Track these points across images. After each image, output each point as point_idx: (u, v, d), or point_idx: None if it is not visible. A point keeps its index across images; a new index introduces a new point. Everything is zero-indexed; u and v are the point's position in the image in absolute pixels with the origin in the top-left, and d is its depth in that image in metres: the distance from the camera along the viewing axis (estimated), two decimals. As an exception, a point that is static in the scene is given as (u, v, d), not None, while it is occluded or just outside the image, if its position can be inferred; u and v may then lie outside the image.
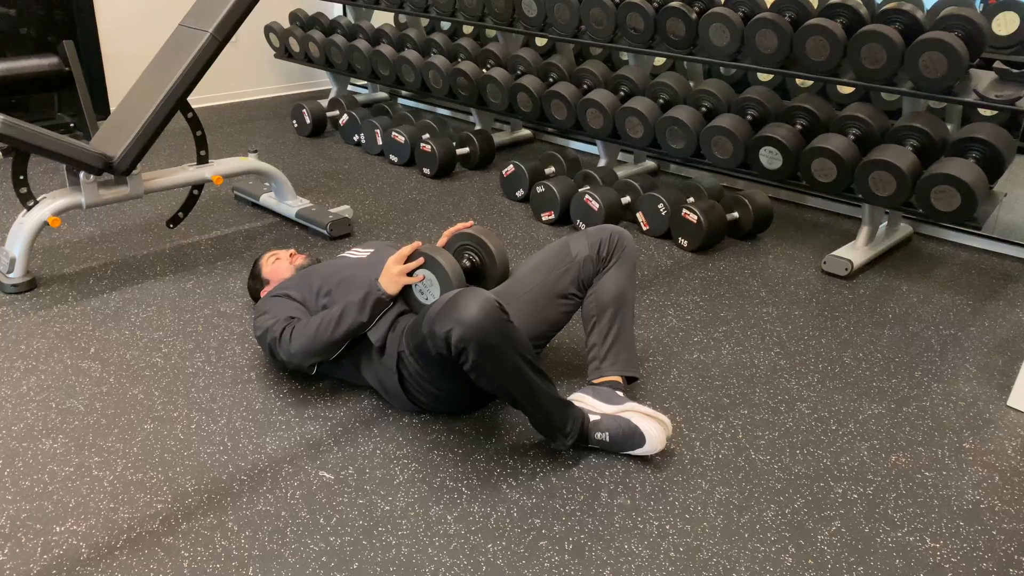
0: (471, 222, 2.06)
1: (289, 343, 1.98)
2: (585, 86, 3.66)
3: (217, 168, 2.97)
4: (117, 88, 4.54)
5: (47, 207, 2.62)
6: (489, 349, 1.70)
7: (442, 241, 2.09)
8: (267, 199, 3.32)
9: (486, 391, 2.00)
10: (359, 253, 2.25)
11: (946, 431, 2.06)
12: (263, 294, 2.28)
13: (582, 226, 3.19)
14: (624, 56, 4.11)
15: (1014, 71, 2.67)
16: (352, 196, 3.56)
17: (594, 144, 4.06)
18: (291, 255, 2.37)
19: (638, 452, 1.87)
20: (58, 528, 1.65)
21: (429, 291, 1.94)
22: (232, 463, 1.85)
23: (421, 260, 1.93)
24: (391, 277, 1.95)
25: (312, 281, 2.13)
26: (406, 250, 1.95)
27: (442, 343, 1.72)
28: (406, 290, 1.98)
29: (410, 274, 1.95)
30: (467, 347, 1.69)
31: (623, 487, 1.81)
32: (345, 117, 4.29)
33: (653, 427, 1.85)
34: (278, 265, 2.33)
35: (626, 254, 2.08)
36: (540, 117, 3.73)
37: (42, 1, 4.20)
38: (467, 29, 4.73)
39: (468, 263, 2.03)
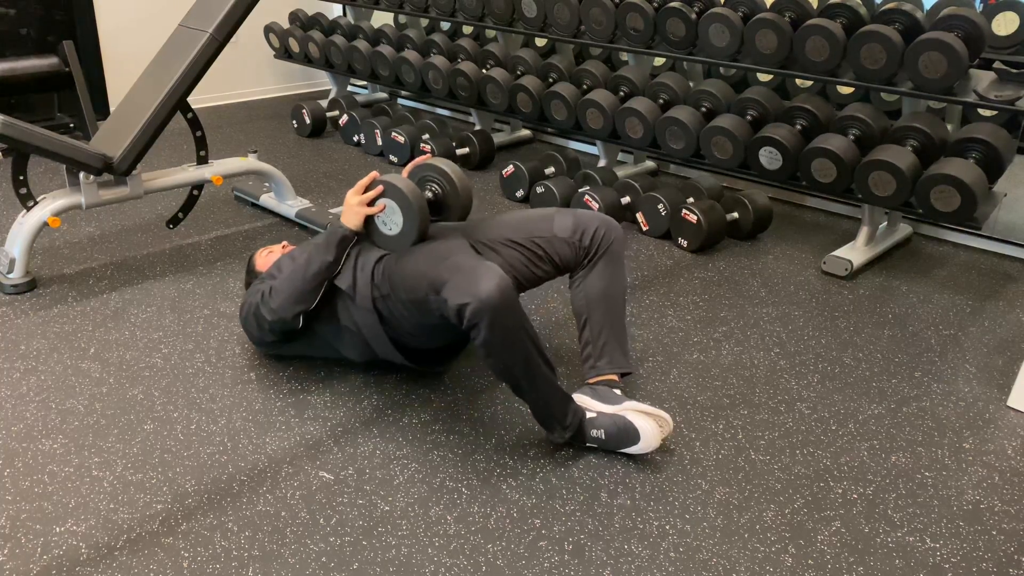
0: (429, 153, 2.04)
1: (270, 299, 1.99)
2: (585, 86, 3.66)
3: (217, 168, 2.97)
4: (117, 88, 4.54)
5: (47, 207, 2.62)
6: (502, 330, 1.71)
7: (405, 172, 2.06)
8: (267, 199, 3.32)
9: (465, 340, 1.99)
10: None
11: (946, 431, 2.06)
12: None
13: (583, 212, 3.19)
14: (624, 56, 4.11)
15: (1014, 71, 2.67)
16: (352, 196, 3.56)
17: (594, 144, 4.06)
18: (283, 247, 2.38)
19: (633, 450, 1.86)
20: (58, 528, 1.65)
21: (392, 220, 1.89)
22: (232, 463, 1.85)
23: (380, 188, 1.90)
24: (351, 209, 1.94)
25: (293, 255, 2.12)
26: (363, 181, 1.93)
27: (453, 312, 1.72)
28: (369, 225, 1.97)
29: (371, 205, 1.93)
30: (480, 323, 1.69)
31: (623, 487, 1.81)
32: (345, 117, 4.29)
33: (648, 424, 1.85)
34: (271, 258, 2.33)
35: (613, 248, 2.05)
36: (540, 117, 3.73)
37: (42, 1, 4.20)
38: (467, 29, 4.73)
39: (430, 193, 1.99)
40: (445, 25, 4.82)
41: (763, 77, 3.73)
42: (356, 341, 2.07)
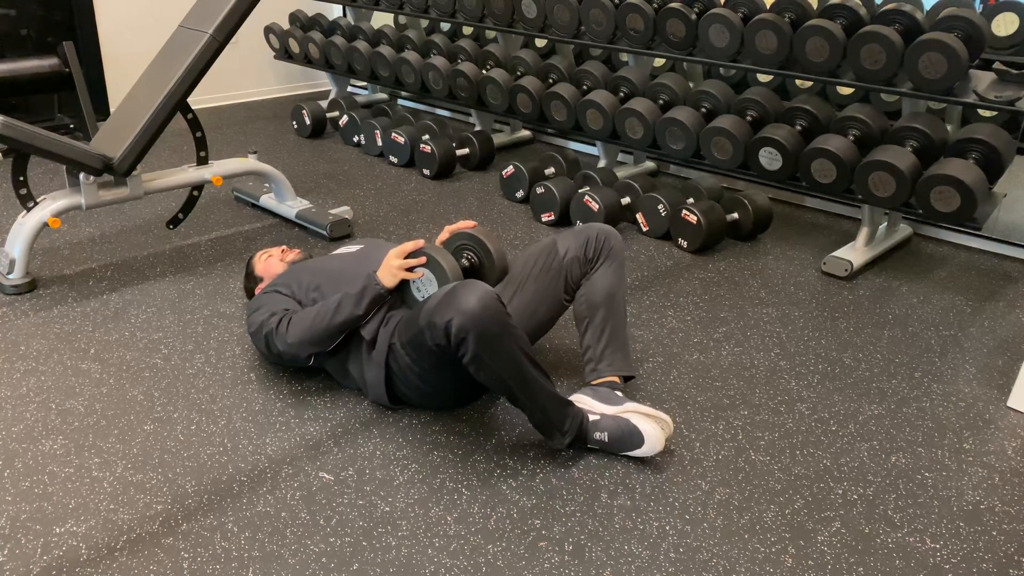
0: (474, 223, 2.06)
1: (286, 334, 1.99)
2: (585, 87, 3.66)
3: (217, 169, 2.97)
4: (117, 89, 4.54)
5: (47, 208, 2.62)
6: (489, 340, 1.71)
7: (443, 236, 2.08)
8: (267, 200, 3.32)
9: (473, 389, 2.01)
10: (349, 248, 2.28)
11: (946, 432, 2.06)
12: (257, 292, 2.29)
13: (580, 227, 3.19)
14: (624, 57, 4.11)
15: (1013, 72, 2.67)
16: (352, 197, 3.56)
17: (594, 145, 4.06)
18: (283, 251, 2.39)
19: (636, 453, 1.86)
20: (58, 529, 1.65)
21: (426, 288, 1.94)
22: (232, 464, 1.85)
23: (423, 260, 1.93)
24: (390, 270, 1.95)
25: (301, 276, 2.14)
26: (409, 245, 1.95)
27: (441, 333, 1.72)
28: (403, 285, 1.98)
29: (410, 269, 1.95)
30: (467, 337, 1.69)
31: (623, 488, 1.81)
32: (345, 118, 4.29)
33: (652, 428, 1.85)
34: (270, 262, 2.34)
35: (614, 252, 2.07)
36: (540, 118, 3.73)
37: (42, 2, 4.21)
38: (467, 30, 4.73)
39: (467, 262, 2.03)
40: (445, 26, 4.82)
41: (763, 78, 3.73)
42: (356, 383, 2.09)
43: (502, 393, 1.84)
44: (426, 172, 3.86)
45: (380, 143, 4.08)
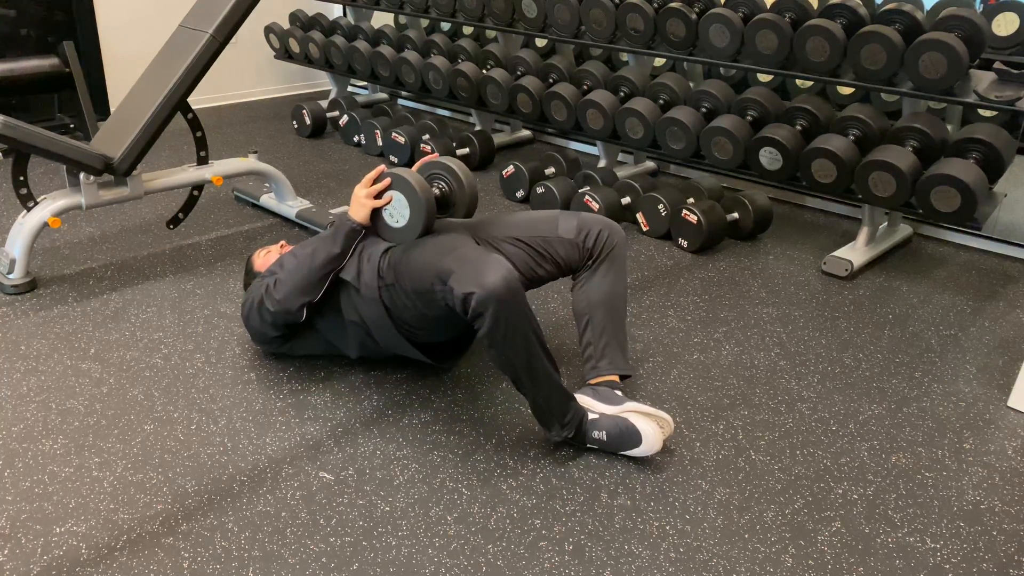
0: (436, 153, 2.05)
1: (274, 291, 2.00)
2: (585, 87, 3.66)
3: (217, 169, 2.97)
4: (117, 89, 4.54)
5: (47, 208, 2.62)
6: (505, 320, 1.71)
7: (413, 169, 2.07)
8: (267, 200, 3.32)
9: (466, 331, 1.99)
10: None
11: (946, 432, 2.06)
12: None
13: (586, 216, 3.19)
14: (624, 57, 4.11)
15: (1014, 72, 2.67)
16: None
17: (594, 145, 4.06)
18: (281, 247, 2.39)
19: (634, 452, 1.86)
20: (58, 529, 1.65)
21: (399, 212, 1.90)
22: (232, 464, 1.85)
23: (388, 181, 1.91)
24: (359, 202, 1.94)
25: (286, 259, 2.13)
26: (371, 174, 1.94)
27: (459, 302, 1.73)
28: (376, 217, 1.97)
29: (378, 197, 1.94)
30: (484, 313, 1.70)
31: (623, 488, 1.81)
32: (345, 118, 4.29)
33: (650, 427, 1.85)
34: (269, 258, 2.34)
35: (616, 251, 2.06)
36: (540, 118, 3.73)
37: (42, 2, 4.21)
38: (467, 30, 4.73)
39: (437, 190, 2.00)
40: (445, 26, 4.82)
41: (763, 77, 3.73)
42: (359, 335, 2.07)
43: (507, 373, 1.82)
44: (426, 172, 3.85)
45: (380, 143, 4.08)
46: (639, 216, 3.24)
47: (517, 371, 1.79)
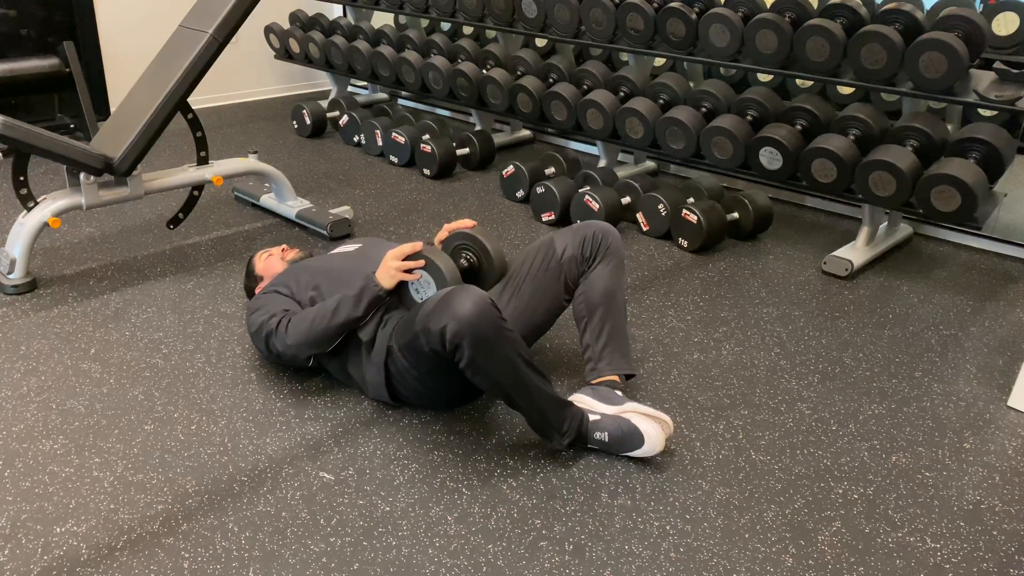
0: (474, 222, 2.06)
1: (285, 335, 1.99)
2: (585, 87, 3.66)
3: (217, 169, 2.97)
4: (117, 89, 4.54)
5: (47, 208, 2.62)
6: (484, 345, 1.71)
7: (442, 235, 2.08)
8: (267, 200, 3.32)
9: (469, 391, 2.01)
10: (348, 248, 2.28)
11: (946, 431, 2.06)
12: (257, 291, 2.29)
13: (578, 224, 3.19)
14: (624, 57, 4.11)
15: (1014, 71, 2.67)
16: (352, 197, 3.56)
17: (594, 145, 4.06)
18: (283, 250, 2.39)
19: (636, 453, 1.86)
20: (58, 529, 1.65)
21: (425, 290, 1.94)
22: (232, 464, 1.85)
23: (422, 262, 1.93)
24: (388, 271, 1.94)
25: (300, 276, 2.15)
26: (407, 247, 1.95)
27: (436, 339, 1.72)
28: (401, 287, 1.98)
29: (409, 271, 1.95)
30: (462, 343, 1.69)
31: (623, 488, 1.81)
32: (345, 118, 4.29)
33: (652, 428, 1.85)
34: (270, 261, 2.34)
35: (612, 251, 2.06)
36: (540, 118, 3.73)
37: (42, 2, 4.21)
38: (467, 30, 4.73)
39: (465, 263, 2.03)
40: (445, 26, 4.82)
41: (763, 77, 3.73)
42: (356, 383, 2.09)
43: (499, 397, 1.85)
44: (426, 172, 3.86)
45: (380, 143, 4.08)
46: (639, 216, 3.24)
47: (507, 392, 1.80)
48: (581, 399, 1.95)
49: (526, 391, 1.79)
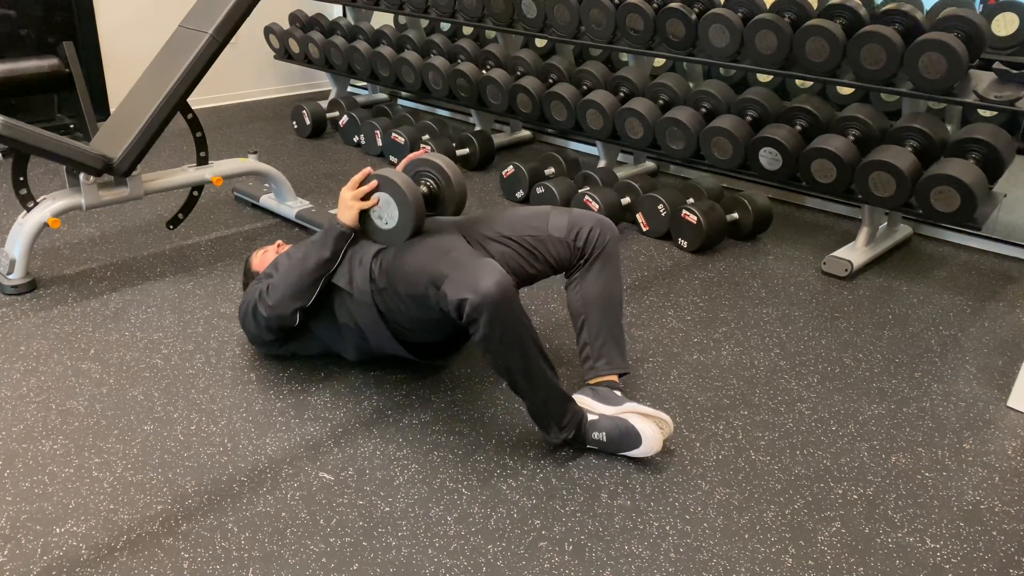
0: (426, 148, 2.04)
1: (267, 296, 2.01)
2: (585, 87, 3.66)
3: (217, 169, 2.97)
4: (117, 89, 4.54)
5: (47, 208, 2.62)
6: (500, 325, 1.71)
7: (400, 166, 2.06)
8: (267, 200, 3.32)
9: (461, 334, 2.00)
10: None
11: (946, 432, 2.06)
12: None
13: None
14: (624, 57, 4.11)
15: (1013, 72, 2.67)
16: (352, 197, 3.55)
17: (594, 145, 4.06)
18: (278, 246, 2.39)
19: (634, 453, 1.86)
20: (58, 529, 1.65)
21: (388, 213, 1.89)
22: (232, 464, 1.85)
23: (375, 183, 1.90)
24: (346, 204, 1.94)
25: (281, 259, 2.13)
26: (357, 176, 1.93)
27: (453, 307, 1.72)
28: (364, 217, 1.96)
29: (366, 199, 1.94)
30: (479, 318, 1.69)
31: (623, 488, 1.81)
32: (345, 118, 4.29)
33: (650, 428, 1.85)
34: (266, 257, 2.34)
35: (609, 249, 2.05)
36: (540, 118, 3.73)
37: (42, 2, 4.21)
38: (467, 30, 4.73)
39: (425, 188, 1.99)
40: (445, 26, 4.82)
41: (763, 78, 3.73)
42: (354, 338, 2.07)
43: (504, 377, 1.82)
44: (426, 172, 3.85)
45: (380, 143, 4.08)
46: (639, 216, 3.24)
47: (514, 375, 1.79)
48: (580, 400, 1.94)
49: (533, 378, 1.79)
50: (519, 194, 3.54)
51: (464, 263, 1.77)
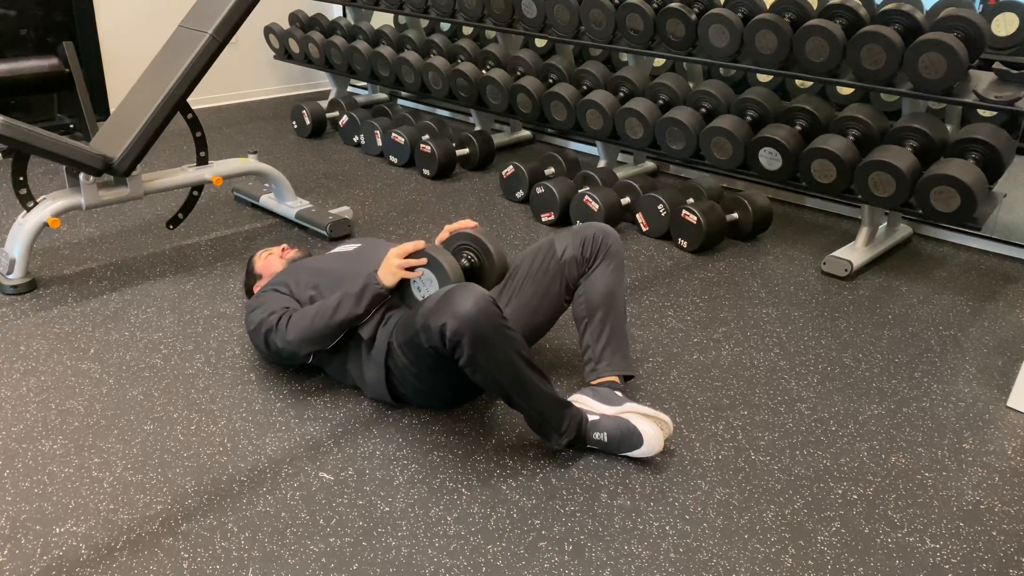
0: (474, 223, 2.05)
1: (285, 331, 1.99)
2: (585, 87, 3.66)
3: (217, 169, 2.97)
4: (117, 89, 4.54)
5: (47, 208, 2.62)
6: (484, 343, 1.71)
7: (443, 236, 2.07)
8: (267, 200, 3.32)
9: (469, 390, 2.01)
10: (347, 248, 2.28)
11: (946, 432, 2.06)
12: (256, 289, 2.29)
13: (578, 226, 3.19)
14: (624, 57, 4.11)
15: (1013, 72, 2.67)
16: (352, 197, 3.56)
17: (594, 145, 4.06)
18: (283, 250, 2.40)
19: (636, 453, 1.86)
20: (58, 529, 1.65)
21: (427, 288, 1.93)
22: (232, 464, 1.85)
23: (424, 260, 1.93)
24: (390, 269, 1.94)
25: (299, 275, 2.14)
26: (409, 246, 1.94)
27: (436, 336, 1.72)
28: (403, 285, 1.98)
29: (411, 269, 1.95)
30: (461, 340, 1.69)
31: (623, 488, 1.81)
32: (345, 118, 4.29)
33: (651, 428, 1.85)
34: (270, 260, 2.35)
35: (612, 251, 2.06)
36: (540, 118, 3.73)
37: (42, 2, 4.21)
38: (467, 30, 4.74)
39: (467, 263, 2.03)
40: (445, 26, 4.82)
41: (763, 78, 3.73)
42: (355, 382, 2.09)
43: (498, 395, 1.85)
44: (426, 172, 3.86)
45: (380, 143, 4.08)
46: (639, 216, 3.24)
47: (506, 391, 1.79)
48: (581, 400, 1.95)
49: (525, 390, 1.79)
50: (519, 194, 3.54)
51: (444, 293, 1.77)
